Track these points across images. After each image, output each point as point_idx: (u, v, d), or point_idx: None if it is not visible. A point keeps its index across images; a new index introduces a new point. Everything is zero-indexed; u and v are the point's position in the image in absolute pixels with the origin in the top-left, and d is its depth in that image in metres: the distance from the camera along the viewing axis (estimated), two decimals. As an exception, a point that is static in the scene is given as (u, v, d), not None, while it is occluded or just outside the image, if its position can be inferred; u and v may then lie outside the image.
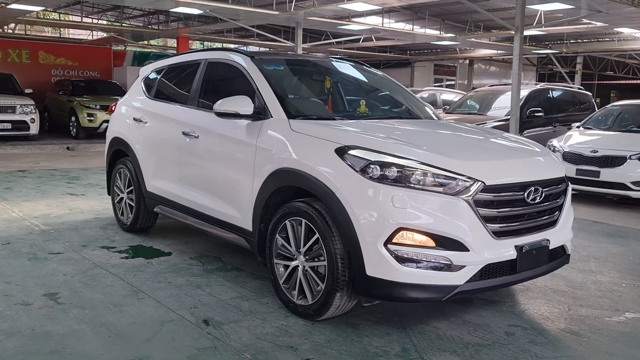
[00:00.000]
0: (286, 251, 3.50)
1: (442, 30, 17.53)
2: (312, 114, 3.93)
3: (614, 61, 27.00)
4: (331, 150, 3.21)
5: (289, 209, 3.42)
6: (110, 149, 5.65)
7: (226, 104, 3.79)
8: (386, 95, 4.64)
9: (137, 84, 5.60)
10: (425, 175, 2.99)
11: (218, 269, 4.37)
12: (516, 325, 3.42)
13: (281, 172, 3.48)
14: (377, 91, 4.67)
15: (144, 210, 5.19)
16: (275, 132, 3.63)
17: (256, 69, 4.03)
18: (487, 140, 3.75)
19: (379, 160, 3.05)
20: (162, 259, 4.62)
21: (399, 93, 4.69)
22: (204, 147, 4.24)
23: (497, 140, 3.77)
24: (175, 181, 4.63)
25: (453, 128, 4.18)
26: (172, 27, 19.43)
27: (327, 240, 3.16)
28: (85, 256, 4.61)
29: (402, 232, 2.94)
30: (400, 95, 4.67)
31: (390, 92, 4.68)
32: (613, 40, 19.64)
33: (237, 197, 3.88)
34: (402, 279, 2.95)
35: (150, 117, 5.02)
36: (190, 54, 4.96)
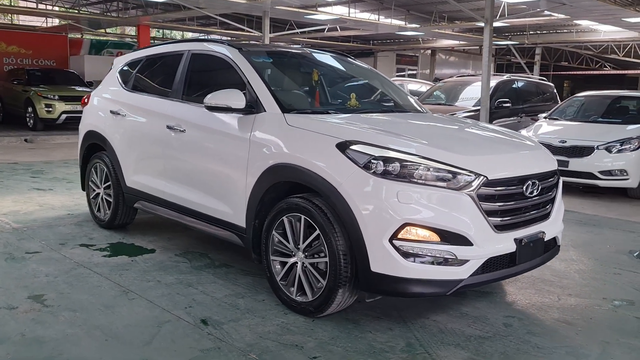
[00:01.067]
0: (283, 248, 3.45)
1: (407, 20, 17.63)
2: (305, 107, 3.88)
3: (568, 52, 27.80)
4: (332, 145, 3.17)
5: (287, 205, 3.36)
6: (85, 143, 5.45)
7: (217, 97, 3.69)
8: (374, 88, 4.62)
9: (112, 76, 5.41)
10: (430, 170, 2.99)
11: (206, 265, 4.29)
12: (512, 316, 3.48)
13: (278, 168, 3.42)
14: (364, 83, 4.64)
15: (123, 206, 5.04)
16: (270, 127, 3.57)
17: (246, 62, 3.94)
18: (483, 133, 3.78)
19: (382, 156, 3.03)
20: (146, 256, 4.49)
21: (385, 85, 4.68)
22: (191, 141, 4.13)
23: (492, 134, 3.81)
24: (158, 176, 4.50)
25: (446, 121, 4.19)
26: (132, 15, 18.90)
27: (328, 237, 3.13)
28: (65, 255, 4.44)
29: (407, 228, 2.93)
30: (387, 87, 4.66)
31: (377, 84, 4.66)
32: (571, 32, 20.20)
33: (229, 193, 3.80)
34: (407, 275, 2.95)
35: (129, 110, 4.86)
36: (171, 45, 4.81)
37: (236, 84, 3.95)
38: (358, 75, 4.72)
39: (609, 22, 15.08)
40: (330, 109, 3.89)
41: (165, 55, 4.83)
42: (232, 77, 4.06)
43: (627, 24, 15.25)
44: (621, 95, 9.29)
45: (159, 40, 24.27)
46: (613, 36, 19.37)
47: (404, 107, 4.37)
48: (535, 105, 11.00)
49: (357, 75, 4.72)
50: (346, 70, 4.72)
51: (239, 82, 3.94)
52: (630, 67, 32.45)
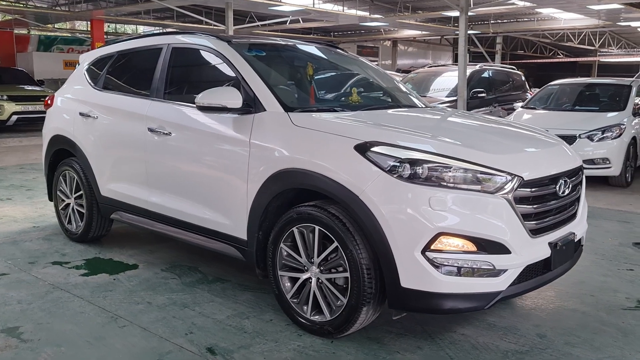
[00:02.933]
0: (294, 262, 3.11)
1: (371, 11, 17.37)
2: (309, 105, 3.53)
3: (524, 41, 28.19)
4: (349, 147, 2.84)
5: (298, 215, 3.02)
6: (51, 149, 4.95)
7: (211, 96, 3.30)
8: (372, 82, 4.29)
9: (79, 74, 4.92)
10: (462, 173, 2.70)
11: (199, 281, 3.89)
12: (543, 324, 3.24)
13: (285, 174, 3.06)
14: (361, 77, 4.31)
15: (98, 218, 4.58)
16: (273, 128, 3.20)
17: (238, 56, 3.56)
18: (505, 129, 3.50)
19: (408, 158, 2.71)
20: (129, 273, 4.06)
21: (383, 79, 4.37)
22: (178, 145, 3.72)
23: (513, 129, 3.54)
24: (139, 184, 4.07)
25: (460, 116, 3.87)
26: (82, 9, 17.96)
27: (349, 249, 2.80)
28: (37, 276, 3.97)
29: (441, 238, 2.64)
30: (385, 81, 4.35)
31: (373, 77, 4.34)
32: (532, 21, 20.38)
33: (226, 202, 3.43)
34: (443, 289, 2.65)
35: (102, 112, 4.39)
36: (147, 39, 4.36)
37: (227, 81, 3.58)
38: (352, 69, 4.39)
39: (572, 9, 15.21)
40: (336, 106, 3.55)
41: (140, 50, 4.38)
42: (222, 73, 3.69)
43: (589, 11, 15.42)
44: (595, 83, 9.28)
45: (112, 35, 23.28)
46: (573, 24, 19.66)
47: (408, 102, 4.06)
48: (506, 94, 10.94)
49: (351, 68, 4.39)
50: (340, 63, 4.38)
51: (231, 78, 3.57)
52: (582, 54, 33.28)
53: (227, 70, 3.61)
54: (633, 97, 8.22)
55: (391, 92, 4.20)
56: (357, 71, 4.37)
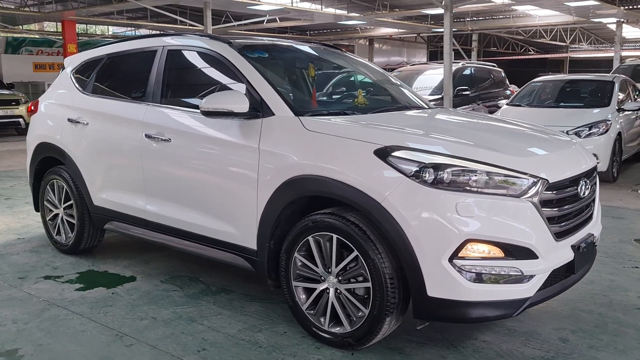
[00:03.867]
0: (310, 272, 2.99)
1: (349, 9, 17.29)
2: (319, 108, 3.40)
3: (496, 38, 28.50)
4: (369, 152, 2.73)
5: (313, 223, 2.90)
6: (36, 157, 4.72)
7: (216, 101, 3.16)
8: (376, 83, 4.19)
9: (65, 78, 4.70)
10: (488, 176, 2.61)
11: (202, 292, 3.74)
12: (563, 327, 3.19)
13: (299, 181, 2.94)
14: (364, 78, 4.21)
15: (90, 228, 4.38)
16: (283, 133, 3.08)
17: (241, 58, 3.42)
18: (523, 130, 3.42)
19: (432, 162, 2.62)
20: (127, 286, 3.88)
21: (385, 79, 4.27)
22: (179, 152, 3.56)
23: (530, 130, 3.46)
24: (136, 193, 3.90)
25: (473, 117, 3.77)
26: (50, 10, 17.45)
27: (370, 259, 2.70)
28: (30, 292, 3.77)
29: (469, 244, 2.55)
30: (387, 82, 4.25)
31: (377, 78, 4.24)
32: (508, 18, 20.58)
33: (233, 211, 3.29)
34: (471, 297, 2.57)
35: (93, 118, 4.20)
36: (140, 41, 4.18)
37: (228, 84, 3.46)
38: (354, 69, 4.28)
39: (550, 5, 15.35)
40: (345, 109, 3.43)
41: (132, 53, 4.19)
42: (223, 76, 3.57)
43: (564, 7, 15.60)
44: (578, 79, 9.36)
45: (84, 37, 22.71)
46: (547, 20, 19.92)
47: (414, 103, 3.97)
48: (488, 92, 10.97)
49: (352, 68, 4.28)
50: (341, 63, 4.26)
51: (233, 81, 3.43)
52: (552, 50, 33.83)
53: (229, 73, 3.48)
54: (616, 92, 8.31)
55: (395, 93, 4.10)
56: (358, 72, 4.26)
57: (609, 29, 26.29)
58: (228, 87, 3.46)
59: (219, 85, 3.58)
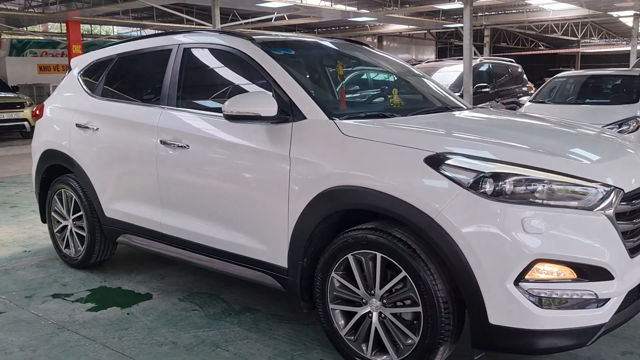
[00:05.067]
0: (349, 294, 2.67)
1: (359, 6, 16.93)
2: (356, 111, 3.08)
3: (506, 33, 28.08)
4: (418, 160, 2.42)
5: (354, 240, 2.58)
6: (42, 165, 4.43)
7: (242, 103, 2.85)
8: (409, 82, 3.86)
9: (72, 80, 4.40)
10: (556, 187, 2.29)
11: (224, 312, 3.44)
12: (630, 351, 2.86)
13: (337, 193, 2.62)
14: (397, 77, 3.88)
15: (101, 241, 4.08)
16: (317, 138, 2.76)
17: (267, 56, 3.10)
18: (584, 133, 3.08)
19: (492, 171, 2.30)
20: (143, 305, 3.58)
21: (418, 78, 3.94)
22: (198, 159, 3.25)
23: (590, 132, 3.11)
24: (151, 204, 3.59)
25: (524, 118, 3.41)
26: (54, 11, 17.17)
27: (421, 280, 2.38)
28: (37, 313, 3.47)
29: (537, 265, 2.23)
30: (421, 80, 3.92)
31: (410, 77, 3.91)
32: (521, 12, 20.17)
33: (260, 225, 2.98)
34: (540, 326, 2.25)
35: (103, 123, 3.90)
36: (153, 39, 3.87)
37: (253, 85, 3.15)
38: (385, 67, 3.95)
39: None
40: (384, 111, 3.11)
41: (145, 52, 3.88)
42: (246, 76, 3.26)
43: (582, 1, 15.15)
44: (602, 74, 9.00)
45: (89, 37, 22.44)
46: (562, 15, 19.51)
47: (454, 104, 3.63)
48: (507, 88, 10.62)
49: (383, 66, 3.95)
50: (371, 61, 3.93)
51: (257, 82, 3.13)
52: (562, 45, 33.37)
53: (252, 72, 3.17)
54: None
55: (431, 92, 3.77)
56: (389, 69, 3.93)
57: (621, 23, 25.84)
58: (251, 89, 3.16)
59: (241, 86, 3.28)
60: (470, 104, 8.92)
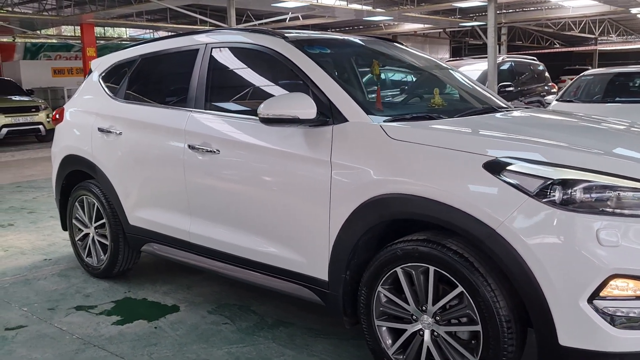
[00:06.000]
0: (398, 310, 2.48)
1: (374, 5, 16.72)
2: (401, 112, 2.88)
3: (521, 31, 27.73)
4: (476, 165, 2.22)
5: (404, 252, 2.39)
6: (63, 171, 4.27)
7: (278, 105, 2.67)
8: (448, 81, 3.66)
9: (93, 83, 4.25)
10: (630, 193, 2.08)
11: (257, 326, 3.25)
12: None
13: (385, 201, 2.43)
14: (434, 76, 3.67)
15: (125, 250, 3.92)
16: (361, 143, 2.57)
17: (302, 55, 2.92)
18: (633, 131, 2.87)
19: (561, 177, 2.09)
20: (171, 318, 3.41)
21: (456, 77, 3.75)
22: (229, 165, 3.07)
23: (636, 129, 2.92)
24: (178, 211, 3.42)
25: (578, 118, 3.18)
26: (68, 14, 17.13)
27: (480, 297, 2.19)
28: (61, 327, 3.31)
29: (613, 281, 2.02)
30: (460, 79, 3.72)
31: (448, 76, 3.71)
32: (540, 10, 19.85)
33: (298, 235, 2.79)
34: (617, 347, 2.04)
35: (126, 126, 3.73)
36: (178, 39, 3.69)
37: (287, 86, 2.98)
38: (421, 66, 3.74)
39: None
40: (429, 113, 2.91)
41: (170, 53, 3.71)
42: (280, 76, 3.09)
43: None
44: (631, 72, 8.73)
45: (102, 40, 22.41)
46: (582, 12, 19.17)
47: (497, 104, 3.42)
48: (531, 87, 10.36)
49: (419, 65, 3.74)
50: (404, 59, 3.73)
51: (292, 82, 2.95)
52: (577, 43, 32.93)
53: (286, 72, 2.99)
54: (678, 85, 7.69)
55: (471, 92, 3.56)
56: (426, 68, 3.73)
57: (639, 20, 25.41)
58: (285, 90, 2.98)
59: (274, 88, 3.10)
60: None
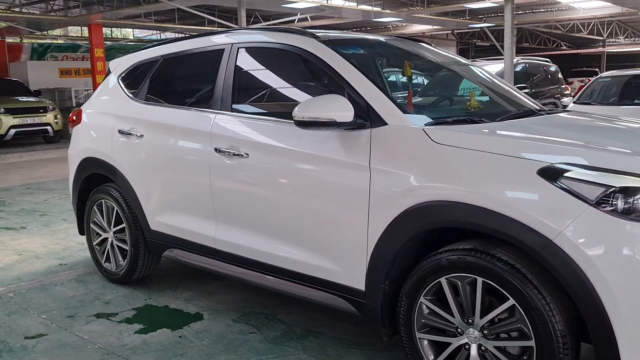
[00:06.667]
0: (441, 322, 2.37)
1: (384, 5, 16.62)
2: (442, 115, 2.77)
3: (528, 32, 27.58)
4: (530, 172, 2.11)
5: (448, 262, 2.28)
6: (81, 174, 4.17)
7: (313, 108, 2.56)
8: (481, 83, 3.53)
9: (112, 83, 4.15)
10: (699, 203, 1.97)
11: (285, 335, 3.14)
12: None
13: (430, 208, 2.31)
14: (467, 77, 3.56)
15: (145, 255, 3.81)
16: (404, 147, 2.46)
17: (337, 56, 2.81)
18: None
19: (623, 185, 1.98)
20: (195, 327, 3.30)
21: (489, 78, 3.63)
22: (259, 170, 2.96)
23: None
24: (202, 217, 3.32)
25: (622, 121, 3.07)
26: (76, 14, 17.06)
27: (534, 310, 2.07)
28: (82, 336, 3.20)
29: (681, 295, 1.91)
30: (492, 81, 3.61)
31: (481, 77, 3.59)
32: (550, 11, 19.71)
33: (333, 243, 2.68)
34: (688, 369, 1.93)
35: (148, 129, 3.63)
36: (203, 39, 3.59)
37: (318, 88, 2.88)
38: (452, 66, 3.63)
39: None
40: (471, 116, 2.79)
41: (194, 53, 3.61)
42: (311, 77, 2.99)
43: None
44: (649, 74, 8.60)
45: (109, 41, 22.36)
46: (593, 13, 19.03)
47: (534, 107, 3.30)
48: (544, 89, 10.23)
49: (450, 65, 3.63)
50: (435, 59, 3.61)
51: (324, 83, 2.85)
52: (584, 45, 32.78)
53: (319, 73, 2.90)
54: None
55: (506, 95, 3.45)
56: (457, 69, 3.62)
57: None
58: (317, 91, 2.87)
59: (305, 89, 3.00)
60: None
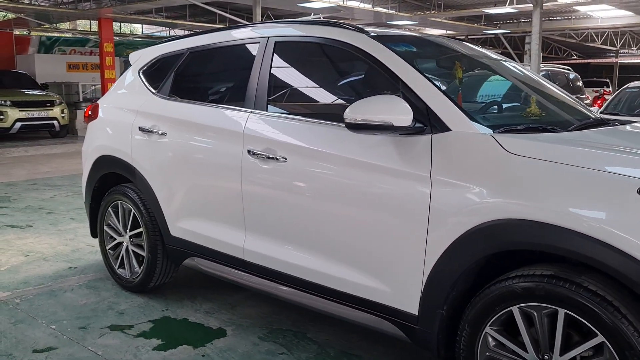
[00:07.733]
0: (510, 356, 2.09)
1: (400, 8, 16.37)
2: (512, 122, 2.49)
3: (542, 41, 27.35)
4: (627, 190, 1.83)
5: (524, 290, 2.00)
6: (96, 174, 3.90)
7: (367, 109, 2.29)
8: (536, 88, 3.26)
9: (132, 77, 3.88)
10: None
11: (318, 357, 2.87)
12: None
13: (504, 227, 2.03)
14: (522, 82, 3.29)
15: (164, 263, 3.54)
16: (472, 157, 2.18)
17: (391, 53, 2.54)
18: None
19: None
20: (218, 344, 3.02)
21: (543, 83, 3.35)
22: (299, 176, 2.69)
23: None
24: (230, 224, 3.04)
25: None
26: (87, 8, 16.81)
27: (630, 349, 1.80)
28: (95, 351, 2.92)
29: None
30: (546, 86, 3.33)
31: (534, 82, 3.32)
32: (567, 19, 19.46)
33: (383, 261, 2.41)
34: None
35: (172, 127, 3.36)
36: (234, 31, 3.33)
37: (369, 87, 2.60)
38: (506, 71, 3.34)
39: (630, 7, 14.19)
40: (542, 125, 2.51)
41: (224, 46, 3.34)
42: (360, 76, 2.72)
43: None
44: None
45: (118, 36, 22.10)
46: (612, 22, 18.76)
47: (593, 115, 3.04)
48: (567, 99, 9.95)
49: (504, 70, 3.33)
50: (487, 62, 3.33)
51: (375, 83, 2.58)
52: (594, 55, 32.56)
53: (370, 72, 2.63)
54: None
55: (563, 101, 3.17)
56: (514, 74, 3.34)
57: (661, 33, 24.99)
58: (367, 91, 2.61)
59: (353, 89, 2.73)
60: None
